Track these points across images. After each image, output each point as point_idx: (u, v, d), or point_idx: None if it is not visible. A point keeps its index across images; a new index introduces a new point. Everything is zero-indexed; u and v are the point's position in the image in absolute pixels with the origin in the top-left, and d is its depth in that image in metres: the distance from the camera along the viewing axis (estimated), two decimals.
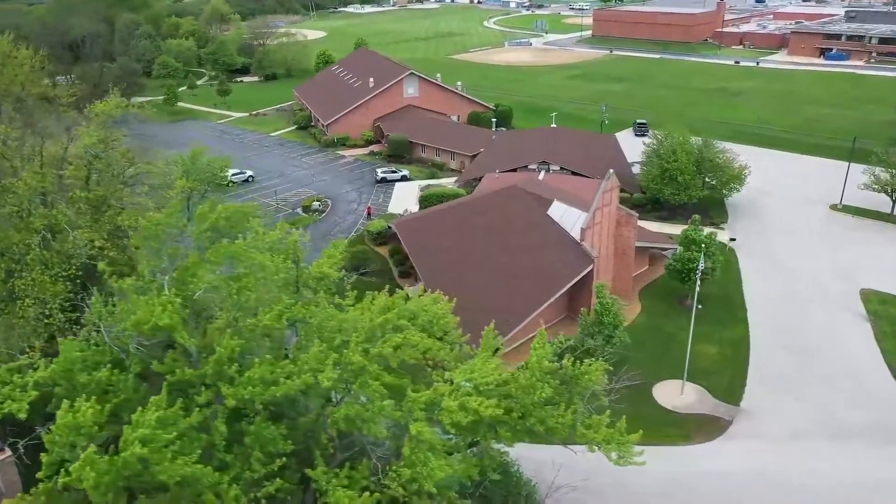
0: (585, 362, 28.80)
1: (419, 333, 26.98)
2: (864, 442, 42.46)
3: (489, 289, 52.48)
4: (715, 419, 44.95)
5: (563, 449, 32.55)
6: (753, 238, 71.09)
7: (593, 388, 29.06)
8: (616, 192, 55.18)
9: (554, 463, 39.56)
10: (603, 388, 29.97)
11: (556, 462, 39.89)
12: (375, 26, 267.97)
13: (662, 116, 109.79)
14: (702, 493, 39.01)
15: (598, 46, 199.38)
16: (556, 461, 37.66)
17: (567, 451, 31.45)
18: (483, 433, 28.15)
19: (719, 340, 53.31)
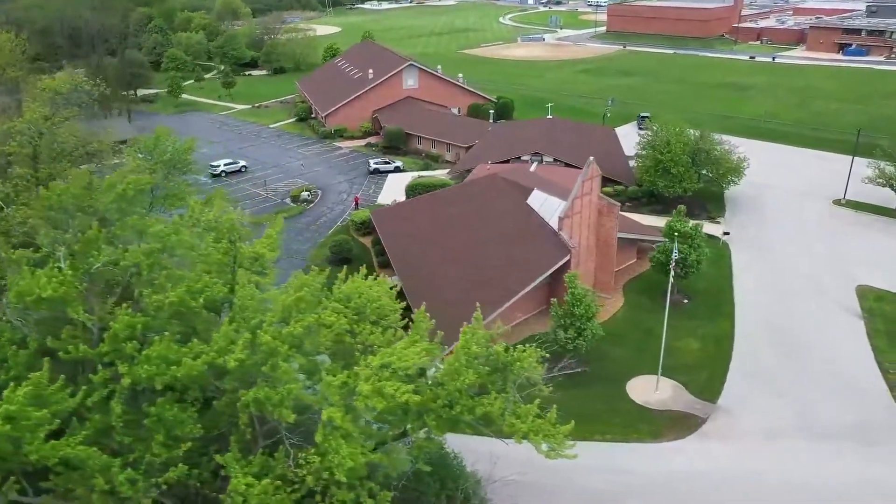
0: (518, 348, 27.17)
1: (335, 314, 25.52)
2: (846, 442, 40.28)
3: (462, 278, 50.93)
4: (689, 416, 43.00)
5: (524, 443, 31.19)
6: (750, 232, 68.72)
7: (531, 377, 27.35)
8: (597, 180, 53.29)
9: (507, 456, 38.11)
10: (541, 377, 28.20)
11: (512, 455, 38.43)
12: (390, 22, 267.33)
13: (668, 110, 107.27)
14: (663, 493, 37.12)
15: (612, 42, 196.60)
16: (518, 454, 36.21)
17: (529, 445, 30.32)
18: (412, 422, 26.65)
19: (702, 335, 51.25)
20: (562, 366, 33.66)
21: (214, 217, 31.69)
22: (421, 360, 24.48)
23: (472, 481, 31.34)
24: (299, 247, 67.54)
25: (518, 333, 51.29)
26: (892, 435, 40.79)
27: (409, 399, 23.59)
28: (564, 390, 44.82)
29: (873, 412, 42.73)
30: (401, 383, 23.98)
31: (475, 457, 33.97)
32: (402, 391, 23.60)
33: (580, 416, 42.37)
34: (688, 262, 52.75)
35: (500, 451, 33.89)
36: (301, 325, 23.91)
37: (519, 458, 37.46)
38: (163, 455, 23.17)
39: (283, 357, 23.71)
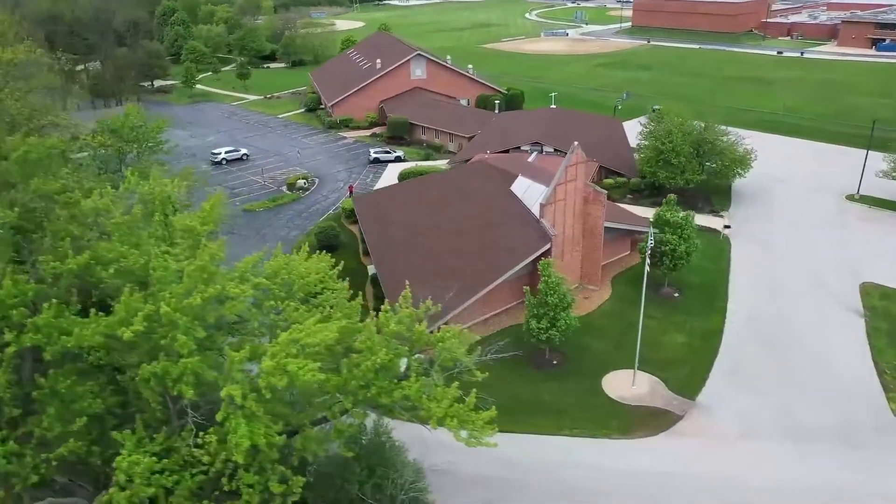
0: (444, 328, 25.52)
1: (240, 286, 24.14)
2: (828, 445, 37.76)
3: (439, 265, 49.32)
4: (664, 413, 40.81)
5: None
6: (754, 226, 65.87)
7: (459, 360, 25.70)
8: (583, 166, 51.19)
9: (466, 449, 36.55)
10: (472, 361, 26.52)
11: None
12: (415, 17, 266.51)
13: (683, 103, 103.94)
14: (628, 491, 35.08)
15: (636, 37, 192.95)
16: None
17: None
18: (329, 406, 25.20)
19: (689, 330, 48.88)
20: (492, 349, 31.59)
21: (149, 189, 30.60)
22: (331, 336, 22.95)
23: (409, 471, 29.64)
24: (287, 233, 66.52)
25: (496, 324, 49.59)
26: (878, 439, 38.15)
27: (313, 377, 22.12)
28: (537, 383, 43.46)
29: (862, 414, 40.08)
30: (308, 361, 22.53)
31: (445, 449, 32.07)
32: (307, 369, 22.14)
33: (550, 410, 40.93)
34: (676, 252, 50.39)
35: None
36: (202, 296, 22.58)
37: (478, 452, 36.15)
38: (55, 429, 22.04)
39: (183, 330, 22.42)
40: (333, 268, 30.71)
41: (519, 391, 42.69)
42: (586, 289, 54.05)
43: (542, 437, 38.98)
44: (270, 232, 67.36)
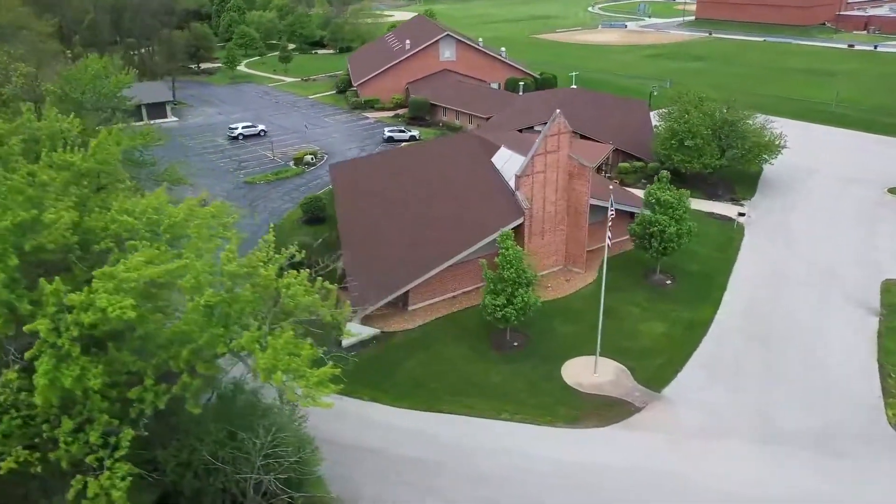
0: (291, 273, 22.81)
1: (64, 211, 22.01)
2: (804, 451, 33.08)
3: (406, 236, 46.62)
4: (622, 404, 36.84)
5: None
6: (775, 216, 60.32)
7: (312, 309, 22.94)
8: (566, 137, 47.40)
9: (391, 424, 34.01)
10: (329, 312, 23.73)
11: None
12: (473, 10, 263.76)
13: (727, 92, 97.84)
14: (555, 481, 31.47)
15: (698, 29, 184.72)
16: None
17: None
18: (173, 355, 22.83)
19: (674, 320, 44.48)
20: (364, 309, 28.65)
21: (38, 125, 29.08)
22: (154, 273, 20.56)
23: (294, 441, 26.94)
24: (280, 206, 65.02)
25: (466, 301, 46.37)
26: (863, 448, 33.19)
27: (123, 315, 19.79)
28: (491, 364, 40.20)
29: (851, 420, 35.08)
30: (126, 298, 20.23)
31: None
32: (117, 306, 19.85)
33: (496, 393, 37.66)
34: (666, 234, 45.96)
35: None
36: (13, 219, 20.60)
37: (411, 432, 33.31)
38: None
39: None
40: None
41: (469, 371, 39.55)
42: (570, 271, 50.21)
43: (480, 421, 35.74)
44: (264, 203, 66.08)
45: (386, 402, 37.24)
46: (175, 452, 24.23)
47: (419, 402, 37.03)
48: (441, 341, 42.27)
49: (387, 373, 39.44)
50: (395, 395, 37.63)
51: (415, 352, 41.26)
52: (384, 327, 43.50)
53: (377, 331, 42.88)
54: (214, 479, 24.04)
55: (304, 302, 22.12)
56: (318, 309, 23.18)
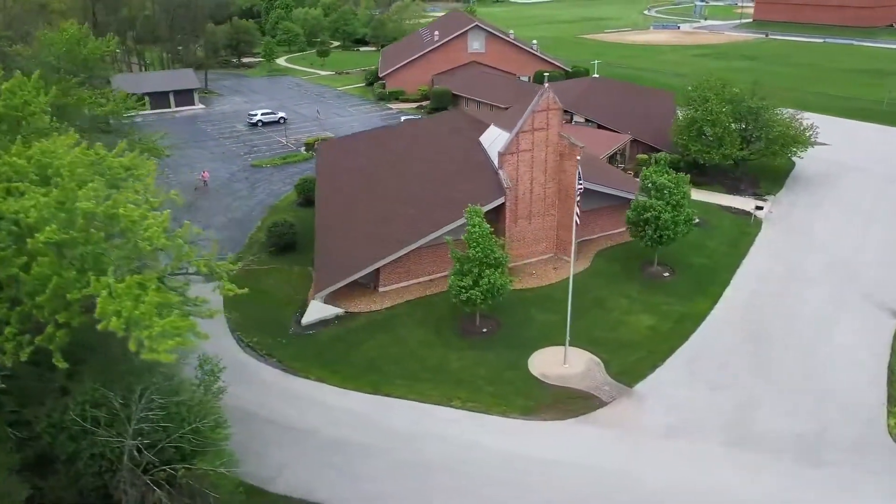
0: (153, 214, 20.65)
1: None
2: (782, 457, 29.24)
3: (380, 215, 44.35)
4: (587, 397, 33.58)
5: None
6: (800, 212, 55.59)
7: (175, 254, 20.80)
8: (557, 114, 44.34)
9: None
10: (198, 261, 21.56)
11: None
12: (527, 12, 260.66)
13: (770, 89, 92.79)
14: (487, 473, 28.55)
15: (754, 31, 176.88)
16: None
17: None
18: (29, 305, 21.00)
19: (664, 313, 40.78)
20: (247, 260, 26.29)
21: None
22: None
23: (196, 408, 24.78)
24: (280, 188, 63.72)
25: (442, 285, 43.67)
26: (851, 457, 29.13)
27: None
28: (453, 350, 37.55)
29: (844, 427, 30.96)
30: None
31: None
32: None
33: (451, 379, 35.01)
34: (660, 221, 42.28)
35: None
36: None
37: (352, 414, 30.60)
38: None
39: None
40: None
41: (428, 356, 36.94)
42: (560, 259, 47.00)
43: (428, 407, 33.10)
44: (264, 186, 65.00)
45: (334, 382, 34.98)
46: (48, 412, 22.46)
47: (368, 384, 34.63)
48: (406, 325, 39.77)
49: (342, 354, 37.19)
50: (345, 376, 35.32)
51: (376, 334, 38.88)
52: (350, 307, 41.30)
53: (341, 311, 40.71)
54: (87, 443, 22.13)
55: (162, 245, 19.98)
56: (184, 256, 21.04)
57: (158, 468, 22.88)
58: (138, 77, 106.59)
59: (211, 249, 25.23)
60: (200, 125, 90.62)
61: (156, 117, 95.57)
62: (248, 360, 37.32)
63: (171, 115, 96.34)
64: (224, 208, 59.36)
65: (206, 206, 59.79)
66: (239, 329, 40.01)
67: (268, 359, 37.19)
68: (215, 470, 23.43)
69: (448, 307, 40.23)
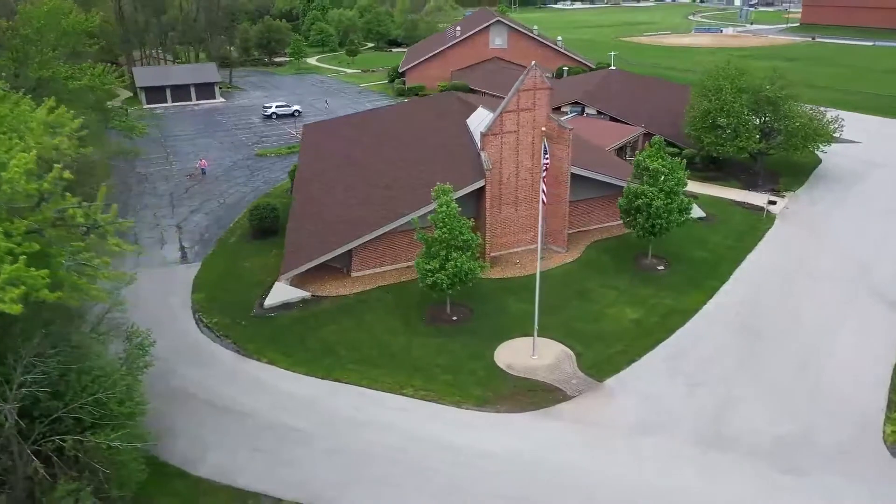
0: (20, 155, 18.99)
1: None
2: (753, 460, 26.11)
3: (357, 197, 42.51)
4: (552, 390, 30.93)
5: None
6: (817, 208, 51.81)
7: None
8: (544, 94, 41.84)
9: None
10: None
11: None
12: (568, 18, 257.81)
13: (808, 88, 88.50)
14: (412, 463, 26.21)
15: (801, 34, 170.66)
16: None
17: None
18: None
19: (652, 306, 37.82)
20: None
21: None
22: None
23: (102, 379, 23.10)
24: (278, 176, 62.50)
25: (415, 273, 41.49)
26: (833, 465, 25.84)
27: None
28: (417, 337, 35.44)
29: (833, 432, 27.65)
30: None
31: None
32: None
33: (409, 367, 32.80)
34: (651, 209, 39.32)
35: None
36: None
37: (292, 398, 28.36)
38: None
39: None
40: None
41: (388, 342, 34.79)
42: (549, 249, 44.37)
43: (378, 394, 30.93)
44: (264, 174, 64.00)
45: (284, 365, 33.12)
46: None
47: (319, 368, 32.66)
48: (373, 310, 37.72)
49: (299, 337, 35.32)
50: (297, 359, 33.43)
51: (339, 318, 36.92)
52: (319, 291, 39.47)
53: (307, 294, 38.88)
54: None
55: (24, 189, 18.35)
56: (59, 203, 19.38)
57: (48, 438, 21.29)
58: (160, 70, 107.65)
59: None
60: (217, 117, 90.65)
61: (176, 109, 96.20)
62: (204, 340, 35.77)
63: (191, 108, 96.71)
64: (219, 194, 58.44)
65: (202, 192, 59.03)
66: (202, 310, 38.57)
67: (223, 340, 35.57)
68: (110, 444, 21.66)
69: (421, 294, 37.99)
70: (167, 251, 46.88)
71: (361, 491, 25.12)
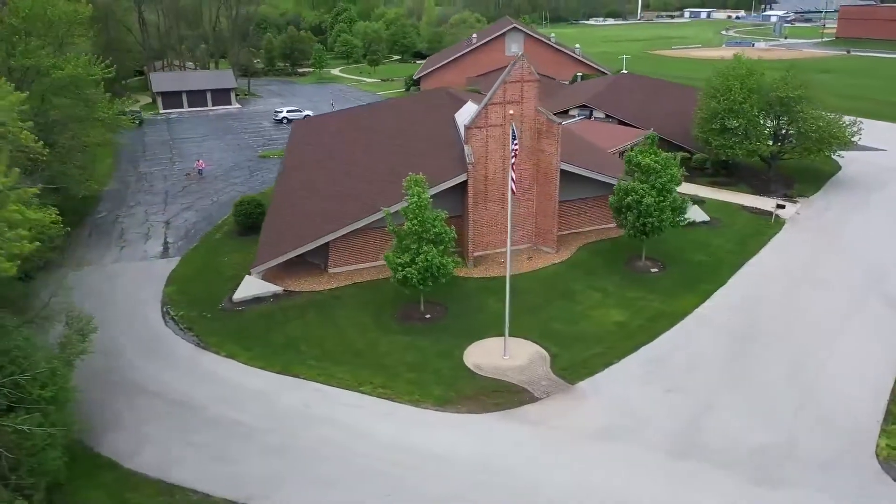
0: None
1: None
2: (726, 471, 23.76)
3: (338, 191, 41.20)
4: (519, 391, 28.93)
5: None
6: (830, 214, 48.99)
7: None
8: (532, 86, 40.18)
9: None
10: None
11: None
12: (599, 33, 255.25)
13: (836, 97, 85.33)
14: (354, 460, 24.42)
15: (836, 48, 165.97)
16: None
17: None
18: None
19: (639, 309, 35.60)
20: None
21: None
22: None
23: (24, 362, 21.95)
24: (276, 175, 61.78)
25: None
26: (813, 479, 23.36)
27: None
28: (386, 335, 33.87)
29: (822, 442, 25.15)
30: None
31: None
32: None
33: (372, 364, 31.16)
34: (642, 206, 37.16)
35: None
36: None
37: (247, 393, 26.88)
38: None
39: None
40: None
41: (355, 339, 33.20)
42: (538, 250, 42.45)
43: (334, 390, 29.32)
44: (263, 174, 63.48)
45: (242, 359, 31.71)
46: None
47: (277, 363, 31.18)
48: (345, 307, 36.19)
49: (263, 331, 33.95)
50: (257, 354, 32.00)
51: (307, 314, 35.48)
52: (293, 287, 38.13)
53: (279, 289, 37.55)
54: None
55: None
56: None
57: None
58: (177, 76, 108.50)
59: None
60: (229, 121, 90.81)
61: (191, 114, 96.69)
62: (167, 333, 34.59)
63: (205, 113, 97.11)
64: (215, 192, 57.83)
65: (198, 191, 58.54)
66: (171, 302, 37.50)
67: (186, 333, 34.35)
68: (16, 427, 20.40)
69: (397, 292, 36.28)
70: (150, 246, 46.10)
71: (294, 489, 23.44)
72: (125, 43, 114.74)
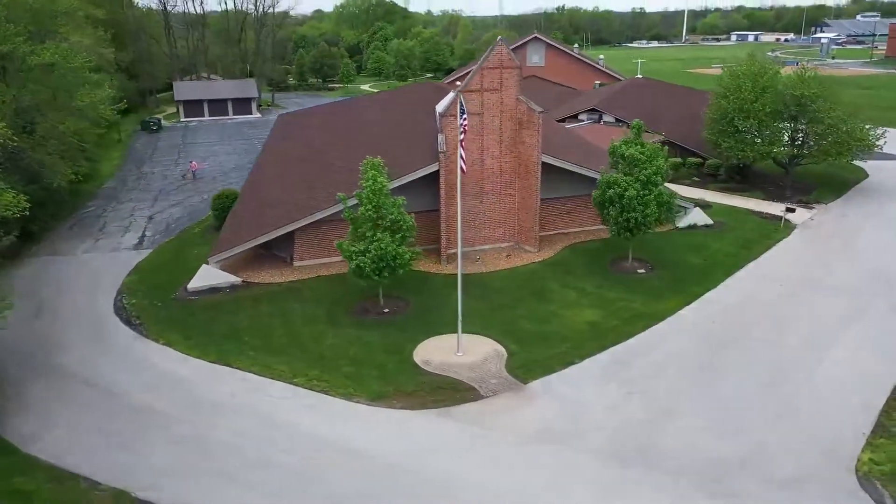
0: None
1: None
2: (678, 482, 20.77)
3: (306, 182, 39.53)
4: (466, 389, 26.38)
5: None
6: (846, 222, 45.21)
7: None
8: (513, 73, 37.97)
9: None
10: None
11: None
12: (639, 53, 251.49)
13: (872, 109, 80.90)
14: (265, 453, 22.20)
15: (885, 66, 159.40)
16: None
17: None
18: None
19: (616, 310, 32.71)
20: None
21: None
22: None
23: None
24: None
25: None
26: (788, 493, 20.20)
27: None
28: (335, 328, 31.98)
29: (797, 455, 21.90)
30: None
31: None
32: None
33: (312, 357, 29.20)
34: (624, 199, 34.37)
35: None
36: None
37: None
38: None
39: None
40: None
41: (302, 331, 31.18)
42: (520, 248, 39.92)
43: (264, 381, 27.28)
44: None
45: (179, 348, 29.97)
46: None
47: (213, 353, 29.32)
48: (300, 299, 34.25)
49: (208, 321, 32.20)
50: (195, 342, 30.22)
51: (259, 305, 33.63)
52: (253, 278, 36.42)
53: (237, 279, 35.86)
54: None
55: None
56: None
57: None
58: (200, 85, 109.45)
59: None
60: (244, 129, 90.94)
61: (210, 122, 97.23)
62: (114, 320, 33.14)
63: (223, 122, 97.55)
64: (208, 190, 56.81)
65: (192, 189, 57.95)
66: (127, 291, 36.18)
67: (133, 321, 32.84)
68: None
69: (359, 287, 34.28)
70: (127, 238, 45.16)
71: (191, 482, 21.32)
72: (157, 55, 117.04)
